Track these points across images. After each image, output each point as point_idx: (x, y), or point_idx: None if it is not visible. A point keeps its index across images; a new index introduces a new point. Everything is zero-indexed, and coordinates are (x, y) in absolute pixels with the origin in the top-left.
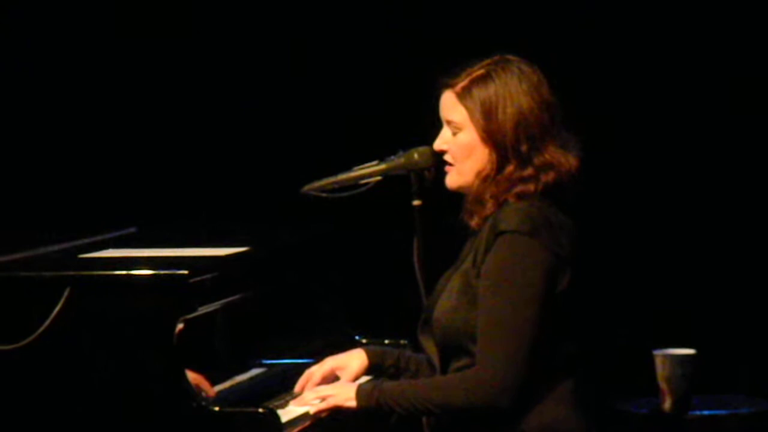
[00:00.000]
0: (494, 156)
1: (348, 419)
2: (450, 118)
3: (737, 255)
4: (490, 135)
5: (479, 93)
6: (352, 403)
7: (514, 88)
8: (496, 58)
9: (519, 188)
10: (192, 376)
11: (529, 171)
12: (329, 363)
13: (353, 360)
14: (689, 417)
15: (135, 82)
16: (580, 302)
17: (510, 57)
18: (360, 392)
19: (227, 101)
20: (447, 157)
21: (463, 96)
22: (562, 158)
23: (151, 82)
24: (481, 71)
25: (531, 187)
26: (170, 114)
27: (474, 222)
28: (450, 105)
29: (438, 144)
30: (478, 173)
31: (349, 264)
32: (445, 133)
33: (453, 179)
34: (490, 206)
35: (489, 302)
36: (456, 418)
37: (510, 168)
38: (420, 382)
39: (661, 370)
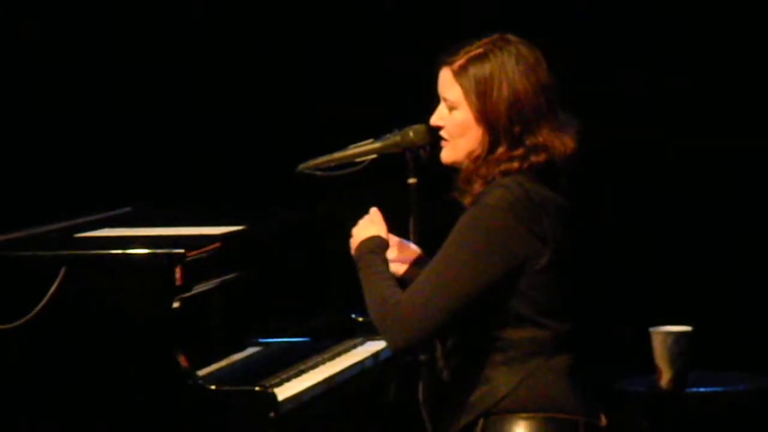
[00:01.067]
0: (486, 137)
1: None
2: (446, 95)
3: (733, 231)
4: (484, 115)
5: (475, 72)
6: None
7: (510, 69)
8: (495, 37)
9: (504, 166)
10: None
11: (519, 151)
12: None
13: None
14: (686, 394)
15: (128, 65)
16: (570, 281)
17: (510, 37)
18: (365, 240)
19: (219, 81)
20: (443, 133)
21: (459, 74)
22: (557, 140)
23: (145, 64)
24: (479, 50)
25: (516, 164)
26: (165, 93)
27: (465, 200)
28: (447, 82)
29: (434, 119)
30: (470, 153)
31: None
32: (442, 109)
33: (447, 154)
34: (478, 186)
35: (441, 251)
36: (451, 405)
37: (501, 149)
38: (384, 274)
39: (657, 347)
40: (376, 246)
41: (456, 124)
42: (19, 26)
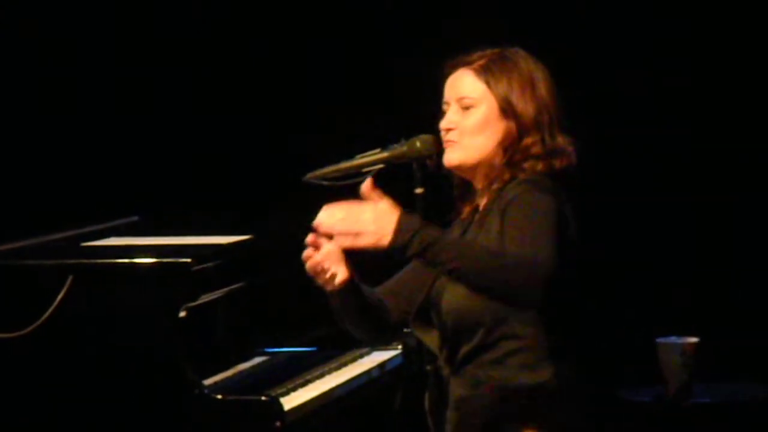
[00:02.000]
0: (514, 126)
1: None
2: (465, 93)
3: (739, 243)
4: (511, 107)
5: (500, 68)
6: (387, 239)
7: (532, 72)
8: (507, 48)
9: (529, 163)
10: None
11: (541, 148)
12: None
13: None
14: (692, 405)
15: (134, 72)
16: (581, 291)
17: (520, 49)
18: (401, 226)
19: (219, 81)
20: (452, 135)
21: (482, 71)
22: (568, 148)
23: (145, 64)
24: (497, 51)
25: (540, 165)
26: (165, 93)
27: (466, 203)
28: (466, 81)
29: (444, 123)
30: (499, 143)
31: (352, 251)
32: (454, 111)
33: (455, 156)
34: (500, 172)
35: (515, 219)
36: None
37: (529, 140)
38: (471, 242)
39: (664, 358)
40: (417, 224)
41: (474, 122)
42: (19, 26)
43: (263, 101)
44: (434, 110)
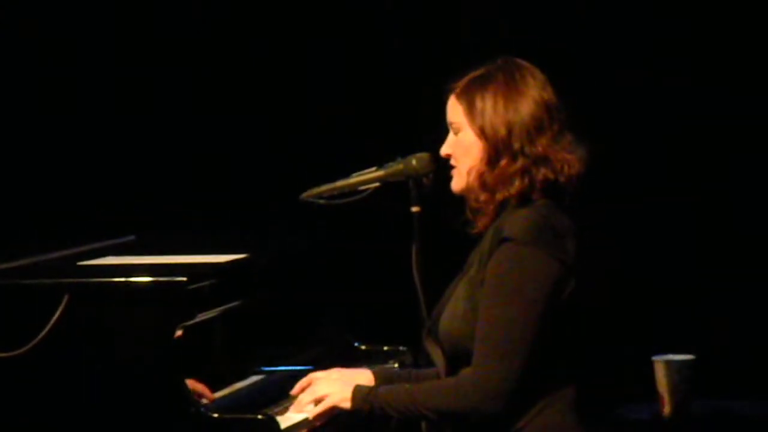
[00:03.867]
0: (486, 150)
1: (346, 424)
2: (452, 119)
3: (735, 260)
4: (483, 130)
5: (475, 90)
6: (347, 404)
7: (511, 86)
8: (499, 61)
9: (517, 185)
10: (191, 383)
11: (520, 163)
12: (335, 375)
13: (360, 376)
14: (688, 422)
15: (128, 65)
16: (581, 308)
17: (515, 59)
18: (356, 394)
19: (219, 81)
20: (452, 161)
21: (460, 95)
22: (558, 155)
23: (145, 64)
24: (481, 71)
25: (526, 181)
26: (165, 93)
27: (479, 223)
28: (451, 106)
29: (443, 149)
30: (471, 169)
31: (348, 271)
32: (450, 137)
33: (455, 182)
34: (489, 207)
35: (488, 309)
36: (453, 423)
37: (503, 162)
38: (416, 386)
39: (660, 375)
40: (365, 391)
41: (461, 145)
42: (19, 26)
43: (263, 101)
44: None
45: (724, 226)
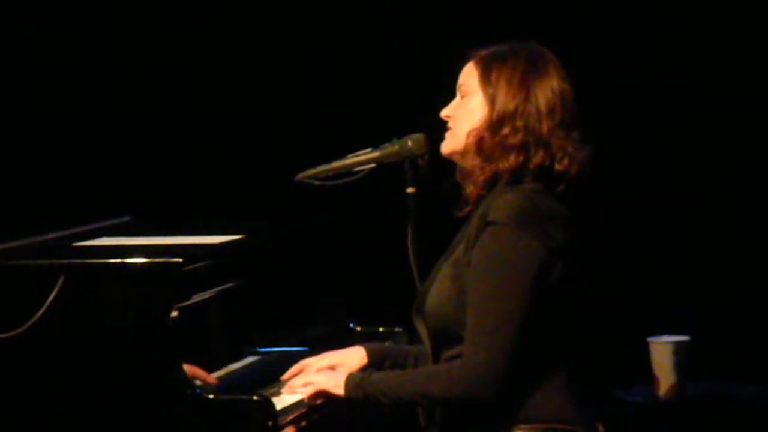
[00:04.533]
0: (491, 116)
1: (342, 408)
2: (463, 82)
3: (730, 241)
4: (493, 98)
5: (495, 61)
6: (340, 391)
7: (531, 69)
8: (527, 42)
9: (512, 160)
10: (191, 368)
11: (520, 137)
12: (327, 359)
13: (353, 357)
14: (684, 404)
15: (128, 65)
16: (576, 292)
17: (543, 47)
18: (348, 382)
19: (219, 81)
20: (449, 123)
21: (479, 62)
22: (560, 142)
23: (145, 64)
24: (506, 46)
25: (521, 158)
26: (165, 93)
27: (467, 189)
28: (467, 70)
29: (444, 110)
30: (470, 132)
31: (343, 251)
32: (455, 100)
33: (446, 143)
34: (479, 176)
35: (475, 294)
36: (450, 411)
37: (504, 131)
38: (407, 372)
39: (656, 357)
40: (357, 379)
41: (464, 109)
42: (19, 26)
43: (263, 101)
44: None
45: (724, 226)
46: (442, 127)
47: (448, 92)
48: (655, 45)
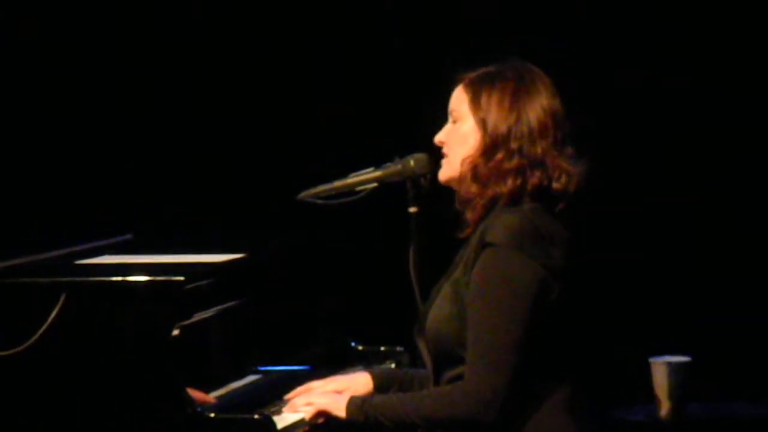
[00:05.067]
0: (484, 141)
1: (343, 427)
2: (454, 107)
3: (732, 262)
4: (484, 122)
5: (483, 84)
6: (342, 413)
7: (521, 88)
8: (512, 61)
9: (509, 184)
10: (191, 391)
11: (515, 162)
12: (333, 384)
13: (358, 383)
14: (685, 424)
15: (128, 65)
16: (575, 311)
17: (527, 64)
18: (350, 404)
19: (223, 107)
20: (444, 149)
21: (468, 85)
22: (555, 161)
23: (145, 64)
24: (492, 68)
25: (519, 182)
26: (165, 93)
27: (467, 216)
28: (456, 95)
29: (438, 136)
30: (465, 159)
31: (346, 271)
32: (447, 125)
33: (443, 171)
34: (478, 202)
35: (475, 316)
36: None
37: (498, 156)
38: (408, 395)
39: (657, 377)
40: (359, 402)
41: (458, 134)
42: (19, 26)
43: (263, 101)
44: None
45: (724, 226)
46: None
47: (448, 92)
48: (655, 45)
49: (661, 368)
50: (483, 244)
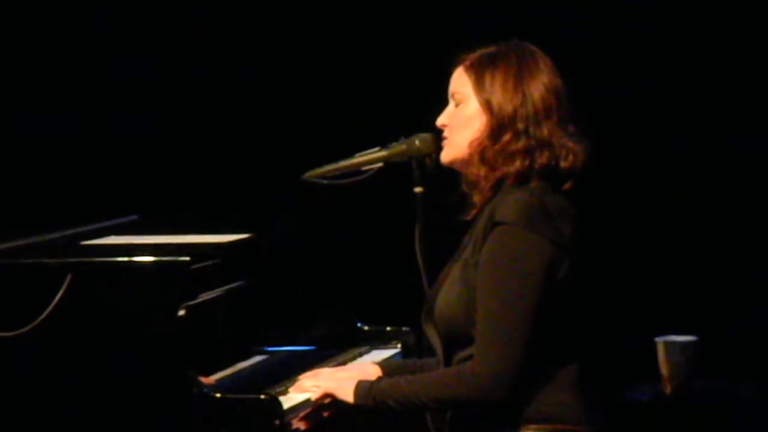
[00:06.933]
0: (490, 123)
1: (351, 408)
2: (455, 89)
3: (738, 241)
4: (490, 104)
5: (487, 64)
6: (349, 398)
7: (523, 68)
8: (511, 42)
9: (517, 165)
10: None
11: (523, 143)
12: (342, 373)
13: (367, 373)
14: (691, 403)
15: (134, 71)
16: (582, 289)
17: (527, 43)
18: (358, 389)
19: (228, 88)
20: (446, 131)
21: (470, 67)
22: (562, 141)
23: (151, 70)
24: (493, 49)
25: (527, 162)
26: (171, 100)
27: (474, 198)
28: (458, 77)
29: (440, 119)
30: (472, 142)
31: (351, 251)
32: (449, 108)
33: (446, 152)
34: (486, 183)
35: (485, 295)
36: (459, 412)
37: (505, 138)
38: (416, 377)
39: (662, 356)
40: (367, 386)
41: (461, 116)
42: (20, 26)
43: (263, 101)
44: (433, 111)
45: (724, 226)
46: (440, 136)
47: (447, 74)
48: (655, 45)
49: (666, 347)
50: (492, 224)
